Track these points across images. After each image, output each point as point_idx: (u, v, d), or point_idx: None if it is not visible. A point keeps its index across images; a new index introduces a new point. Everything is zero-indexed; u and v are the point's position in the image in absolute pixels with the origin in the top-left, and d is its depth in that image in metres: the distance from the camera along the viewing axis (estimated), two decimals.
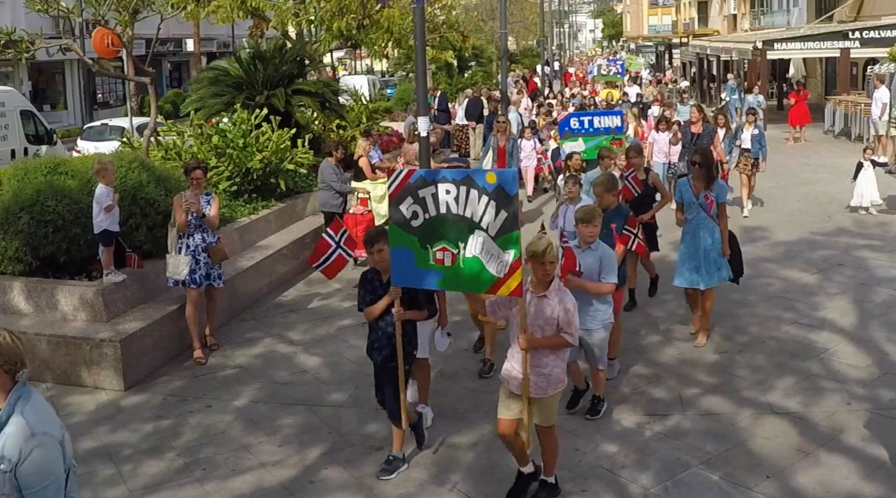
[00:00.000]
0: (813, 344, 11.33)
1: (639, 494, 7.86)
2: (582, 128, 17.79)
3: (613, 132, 17.64)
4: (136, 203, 12.42)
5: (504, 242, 7.28)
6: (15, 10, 29.90)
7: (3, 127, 24.56)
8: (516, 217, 7.24)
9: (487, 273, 7.41)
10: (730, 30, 67.44)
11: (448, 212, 7.57)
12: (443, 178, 7.56)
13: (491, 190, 7.28)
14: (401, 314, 8.17)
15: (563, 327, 7.43)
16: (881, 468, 8.11)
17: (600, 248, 9.20)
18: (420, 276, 7.84)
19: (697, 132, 18.28)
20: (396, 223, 7.84)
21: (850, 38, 36.04)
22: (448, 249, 7.61)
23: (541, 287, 7.50)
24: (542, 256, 7.31)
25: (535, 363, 7.43)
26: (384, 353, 8.38)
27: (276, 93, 19.28)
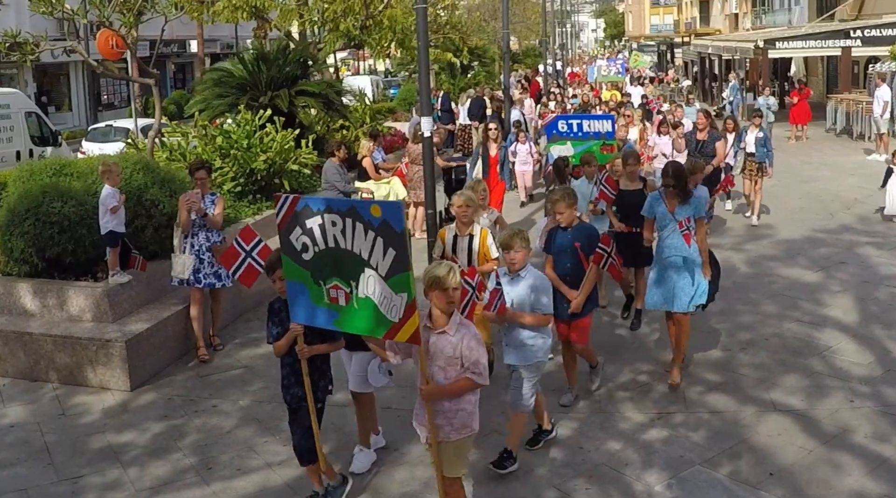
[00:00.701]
0: (816, 342, 11.36)
1: (642, 492, 7.88)
2: (570, 131, 16.84)
3: (603, 137, 16.56)
4: (142, 204, 12.47)
5: (396, 284, 6.47)
6: (20, 12, 29.96)
7: (9, 128, 24.65)
8: (406, 256, 6.41)
9: (382, 317, 6.62)
10: (731, 29, 67.43)
11: (337, 246, 6.80)
12: (328, 209, 6.76)
13: (377, 224, 6.47)
14: (304, 352, 7.42)
15: (468, 367, 6.59)
16: (884, 465, 8.13)
17: (530, 275, 8.29)
18: (316, 313, 7.12)
19: (703, 140, 17.05)
20: (288, 255, 7.11)
21: (852, 37, 36.06)
22: (341, 287, 6.87)
23: (440, 321, 6.67)
24: (443, 281, 6.52)
25: (437, 407, 6.70)
26: (293, 391, 7.70)
27: (280, 94, 19.35)
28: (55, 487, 8.38)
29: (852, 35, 36.15)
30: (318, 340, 7.51)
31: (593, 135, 16.57)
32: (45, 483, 8.42)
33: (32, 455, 9.05)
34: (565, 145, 16.45)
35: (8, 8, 28.89)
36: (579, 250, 9.39)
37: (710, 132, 17.13)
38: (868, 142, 29.33)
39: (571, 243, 9.43)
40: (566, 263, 9.48)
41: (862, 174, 23.77)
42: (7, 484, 8.46)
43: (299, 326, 7.29)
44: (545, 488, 8.01)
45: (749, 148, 18.53)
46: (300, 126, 18.87)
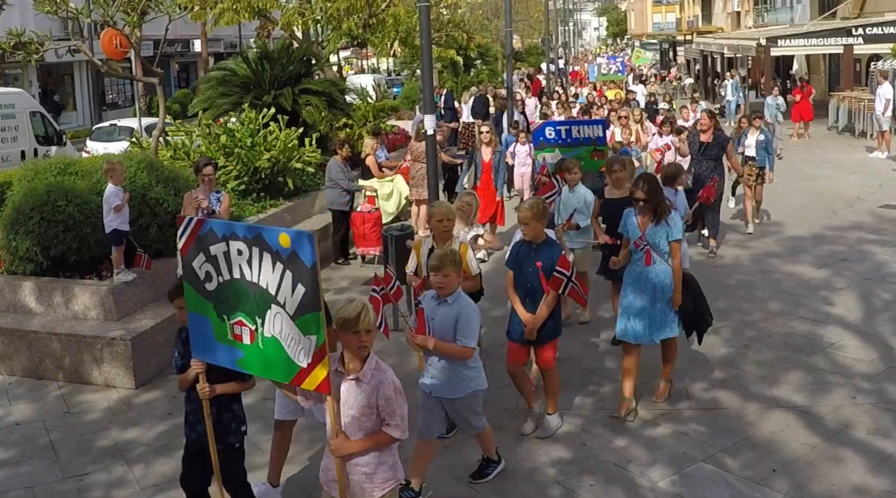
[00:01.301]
0: (819, 339, 11.37)
1: (646, 489, 7.90)
2: (558, 138, 15.56)
3: (594, 143, 15.30)
4: (146, 203, 12.52)
5: (304, 325, 5.73)
6: (24, 11, 29.98)
7: (13, 128, 24.74)
8: (317, 293, 5.64)
9: (289, 360, 5.88)
10: (733, 27, 67.39)
11: (242, 277, 6.04)
12: (233, 235, 6.01)
13: (285, 256, 5.75)
14: (206, 393, 6.67)
15: (384, 418, 5.90)
16: (887, 462, 8.15)
17: (459, 302, 7.53)
18: (219, 350, 6.33)
19: (707, 142, 15.84)
20: (190, 283, 6.34)
21: (854, 35, 36.05)
22: (246, 323, 6.09)
23: (354, 366, 5.92)
24: (354, 323, 5.76)
25: (353, 463, 5.97)
26: (199, 429, 6.97)
27: (284, 92, 19.40)
28: (60, 484, 8.42)
29: (854, 33, 36.14)
30: (224, 378, 6.72)
31: (583, 141, 15.40)
32: (50, 481, 8.45)
33: (38, 453, 9.08)
34: (553, 152, 15.48)
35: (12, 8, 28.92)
36: (540, 271, 8.59)
37: (715, 134, 15.90)
38: (870, 139, 29.32)
39: (533, 262, 8.67)
40: (526, 282, 8.74)
41: (864, 172, 23.79)
42: (13, 482, 8.50)
43: (201, 363, 6.57)
44: (549, 485, 8.03)
45: (749, 151, 17.47)
46: (304, 124, 18.90)
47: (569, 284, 8.54)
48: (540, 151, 15.97)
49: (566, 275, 8.50)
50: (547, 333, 8.78)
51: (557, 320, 8.92)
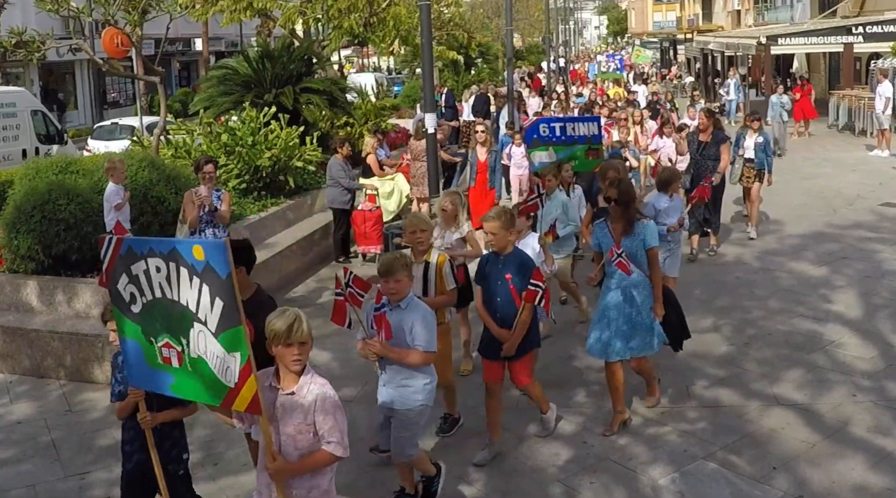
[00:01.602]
0: (819, 336, 11.38)
1: (647, 486, 7.91)
2: (552, 136, 14.93)
3: (589, 141, 14.77)
4: (147, 201, 12.57)
5: (227, 342, 5.38)
6: (25, 10, 30.05)
7: (15, 127, 24.76)
8: (235, 307, 5.29)
9: (218, 381, 5.52)
10: (734, 25, 67.38)
11: (163, 296, 5.69)
12: (150, 252, 5.65)
13: (200, 270, 5.39)
14: (147, 422, 6.33)
15: (323, 435, 5.50)
16: (887, 459, 8.16)
17: (412, 306, 7.26)
18: (152, 376, 5.96)
19: (705, 141, 15.64)
20: (117, 307, 5.96)
21: (854, 34, 35.99)
22: (172, 345, 5.72)
23: (288, 381, 5.56)
24: (286, 335, 5.40)
25: (286, 484, 5.61)
26: (136, 458, 6.71)
27: (285, 91, 19.41)
28: (62, 483, 8.44)
29: (854, 31, 36.09)
30: (167, 403, 6.42)
31: (578, 139, 14.79)
32: (52, 479, 8.46)
33: (39, 451, 9.10)
34: (547, 151, 14.89)
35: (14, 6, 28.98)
36: (510, 283, 8.15)
37: (713, 133, 15.67)
38: (870, 138, 29.31)
39: (503, 274, 8.19)
40: (496, 296, 8.26)
41: (864, 170, 23.79)
42: (14, 480, 8.51)
43: (139, 390, 6.20)
44: (550, 483, 8.04)
45: (748, 153, 16.92)
46: (305, 123, 18.93)
47: (544, 296, 8.06)
48: (533, 150, 15.40)
49: (541, 287, 8.00)
50: (523, 346, 8.32)
51: (534, 333, 8.45)
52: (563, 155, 14.58)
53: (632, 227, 8.66)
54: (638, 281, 8.69)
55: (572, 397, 9.76)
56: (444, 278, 8.52)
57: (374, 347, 7.07)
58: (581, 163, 14.41)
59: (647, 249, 8.66)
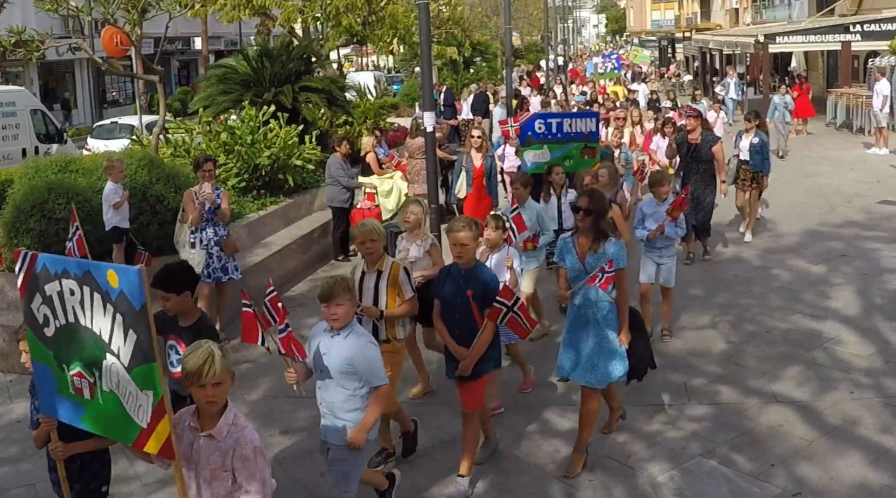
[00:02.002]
0: (818, 334, 11.40)
1: (645, 483, 7.94)
2: (548, 132, 14.36)
3: (586, 138, 14.33)
4: (146, 200, 12.59)
5: (140, 378, 4.98)
6: (25, 10, 30.04)
7: (14, 126, 24.76)
8: (149, 341, 4.89)
9: (130, 419, 5.10)
10: (732, 24, 67.42)
11: (77, 322, 5.27)
12: (65, 272, 5.24)
13: (114, 297, 4.97)
14: (59, 452, 5.98)
15: (241, 483, 5.12)
16: (885, 456, 8.19)
17: (355, 335, 6.60)
18: (63, 405, 5.55)
19: (695, 142, 14.95)
20: (31, 329, 5.60)
21: (851, 32, 36.04)
22: (84, 375, 5.30)
23: (206, 422, 5.13)
24: (197, 377, 4.91)
25: None
26: (56, 489, 6.39)
27: (284, 90, 19.42)
28: None
29: (852, 30, 36.14)
30: (85, 433, 5.81)
31: (574, 136, 14.33)
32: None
33: (39, 450, 9.09)
34: (542, 150, 14.35)
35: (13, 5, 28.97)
36: (471, 300, 7.64)
37: (703, 134, 15.02)
38: (868, 136, 29.33)
39: (464, 290, 7.68)
40: (455, 314, 7.77)
41: (862, 168, 23.82)
42: (15, 479, 8.52)
43: (51, 418, 5.80)
44: (550, 481, 8.06)
45: (743, 155, 16.43)
46: (304, 122, 18.95)
47: (509, 313, 7.54)
48: (527, 148, 14.64)
49: (507, 304, 7.50)
50: (480, 366, 7.75)
51: (494, 352, 7.91)
52: (558, 154, 14.18)
53: (599, 244, 7.85)
54: (603, 304, 7.93)
55: (571, 395, 9.77)
56: (399, 287, 8.00)
57: (291, 379, 6.69)
58: (576, 162, 14.00)
59: (616, 269, 7.70)
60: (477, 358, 7.65)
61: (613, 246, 7.81)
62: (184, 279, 7.09)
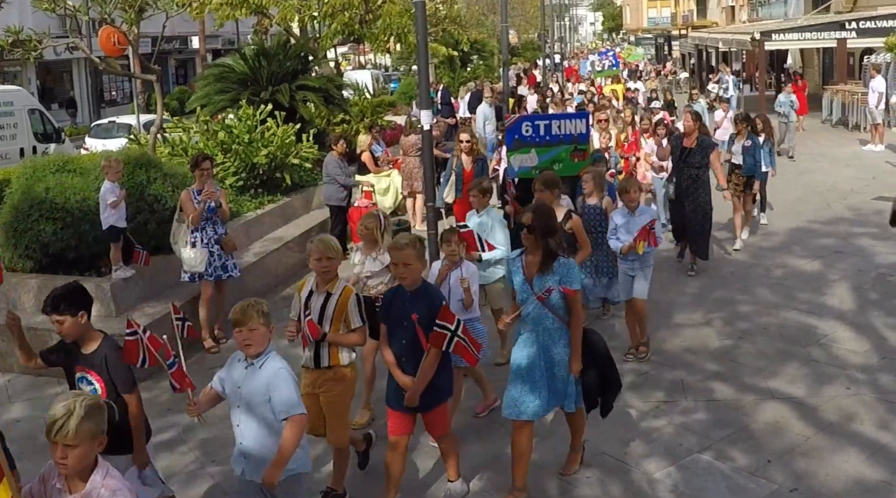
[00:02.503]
0: (813, 330, 11.44)
1: (642, 480, 7.96)
2: (536, 135, 13.43)
3: (576, 140, 13.37)
4: (144, 199, 12.60)
5: None
6: (22, 9, 30.08)
7: (12, 126, 24.82)
8: None
9: None
10: (728, 21, 67.59)
11: None
12: None
13: None
14: None
15: None
16: (882, 452, 8.22)
17: (268, 365, 6.02)
18: None
19: (690, 147, 13.98)
20: None
21: (847, 29, 36.10)
22: None
23: (75, 483, 4.69)
24: (48, 431, 4.49)
25: None
26: None
27: (281, 88, 19.45)
28: None
29: (847, 27, 36.20)
30: None
31: (564, 138, 13.35)
32: None
33: (38, 449, 9.07)
34: (529, 154, 13.38)
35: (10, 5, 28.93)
36: (417, 324, 7.05)
37: (699, 139, 14.03)
38: (863, 132, 29.40)
39: (408, 313, 7.07)
40: (401, 338, 7.17)
41: (857, 165, 23.88)
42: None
43: None
44: (547, 477, 8.08)
45: (736, 158, 15.84)
46: (301, 120, 19.00)
47: (454, 338, 6.95)
48: (514, 152, 13.52)
49: (450, 329, 6.91)
50: (433, 397, 7.21)
51: (445, 380, 7.32)
52: (546, 157, 13.27)
53: (548, 264, 7.26)
54: (553, 329, 7.36)
55: None
56: (348, 314, 7.39)
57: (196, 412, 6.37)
58: (565, 166, 13.18)
59: (564, 291, 7.24)
60: (421, 389, 7.05)
61: (563, 266, 7.21)
62: (78, 299, 6.43)
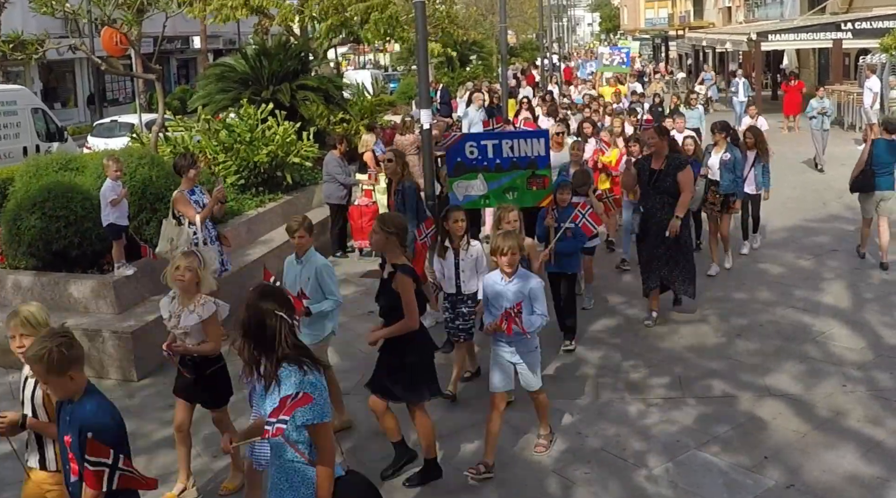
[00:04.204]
0: (809, 328, 11.53)
1: (641, 476, 8.03)
2: (483, 158, 11.09)
3: (533, 165, 11.02)
4: (146, 197, 12.69)
5: None
6: (24, 11, 30.05)
7: (16, 125, 24.82)
8: None
9: None
10: (724, 22, 67.52)
11: None
12: None
13: None
14: None
15: None
16: (877, 448, 8.30)
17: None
18: None
19: (658, 169, 11.49)
20: None
21: (843, 30, 36.15)
22: None
23: None
24: None
25: None
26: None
27: (282, 88, 19.52)
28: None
29: (843, 28, 36.26)
30: None
31: (518, 161, 11.04)
32: None
33: None
34: (475, 180, 11.14)
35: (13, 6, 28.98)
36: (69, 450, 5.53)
37: (668, 158, 11.60)
38: (858, 132, 29.47)
39: None
40: None
41: (853, 164, 23.55)
42: (17, 472, 8.54)
43: None
44: (546, 474, 8.15)
45: (712, 174, 13.98)
46: (301, 119, 19.07)
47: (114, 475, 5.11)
48: (457, 179, 11.30)
49: (105, 464, 5.05)
50: None
51: None
52: (496, 185, 11.14)
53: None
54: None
55: (567, 389, 9.91)
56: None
57: None
58: (521, 195, 11.12)
59: None
60: None
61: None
62: None
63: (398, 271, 7.71)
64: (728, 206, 13.96)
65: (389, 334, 7.78)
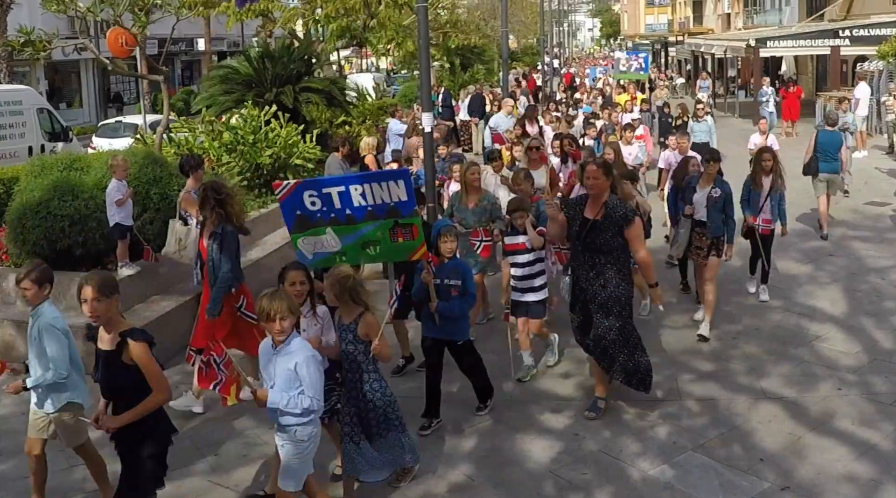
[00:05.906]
0: (805, 331, 11.61)
1: (637, 477, 8.09)
2: (329, 208, 8.45)
3: (394, 213, 8.36)
4: (150, 198, 12.76)
5: None
6: (32, 10, 30.13)
7: (21, 124, 24.89)
8: None
9: None
10: (724, 28, 67.64)
11: None
12: None
13: None
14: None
15: None
16: (871, 451, 8.37)
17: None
18: None
19: (593, 218, 8.81)
20: None
21: (841, 37, 36.28)
22: None
23: None
24: None
25: None
26: None
27: (285, 90, 19.62)
28: (66, 473, 8.47)
29: (841, 35, 36.38)
30: None
31: (374, 210, 8.34)
32: (56, 469, 8.28)
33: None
34: (324, 235, 8.56)
35: (20, 6, 29.06)
36: None
37: (607, 205, 8.79)
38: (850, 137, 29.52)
39: None
40: None
41: (856, 171, 23.87)
42: (19, 470, 8.54)
43: None
44: (543, 475, 8.20)
45: (698, 214, 11.69)
46: (304, 121, 19.15)
47: None
48: (300, 235, 8.70)
49: None
50: None
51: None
52: (352, 239, 8.54)
53: None
54: None
55: (565, 390, 10.00)
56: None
57: None
58: (385, 249, 8.65)
59: None
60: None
61: None
62: None
63: None
64: (717, 251, 11.62)
65: None
